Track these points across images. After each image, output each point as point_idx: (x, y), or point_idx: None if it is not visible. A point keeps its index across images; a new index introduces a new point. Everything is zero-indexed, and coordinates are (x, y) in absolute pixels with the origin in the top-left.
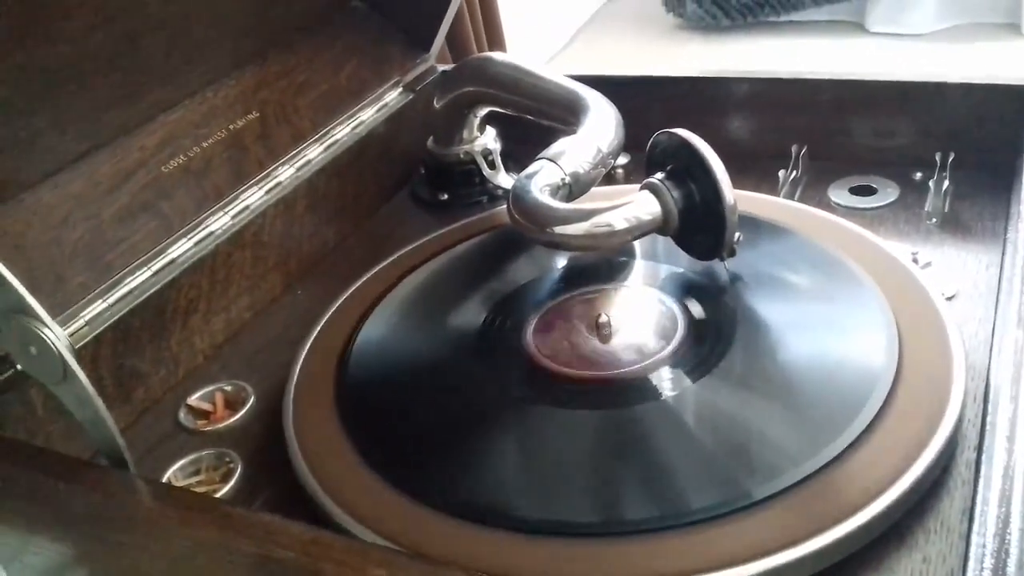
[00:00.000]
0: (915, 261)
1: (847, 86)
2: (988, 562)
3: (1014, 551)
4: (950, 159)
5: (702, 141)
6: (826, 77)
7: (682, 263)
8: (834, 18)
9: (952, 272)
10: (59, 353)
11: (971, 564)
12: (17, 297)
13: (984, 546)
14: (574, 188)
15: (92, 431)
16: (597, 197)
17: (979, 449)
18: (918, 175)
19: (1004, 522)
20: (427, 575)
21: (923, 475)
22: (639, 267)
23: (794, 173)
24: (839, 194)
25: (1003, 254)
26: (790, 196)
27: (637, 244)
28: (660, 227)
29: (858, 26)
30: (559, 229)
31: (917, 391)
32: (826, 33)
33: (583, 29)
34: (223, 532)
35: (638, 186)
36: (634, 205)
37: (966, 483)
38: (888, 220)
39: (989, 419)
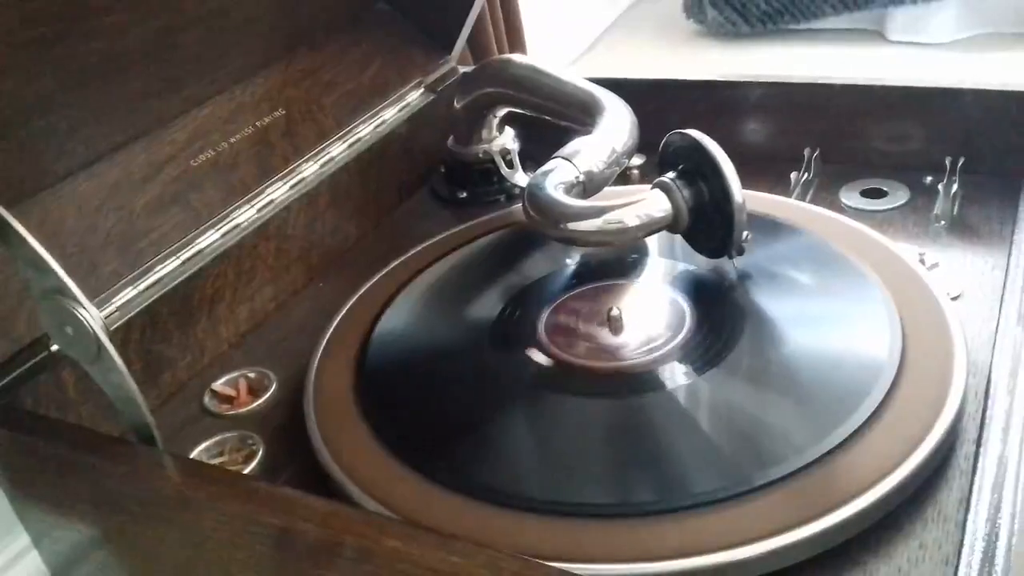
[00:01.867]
0: (922, 262)
1: (860, 91)
2: (979, 545)
3: (1003, 535)
4: (960, 163)
5: (713, 142)
6: (839, 82)
7: (693, 260)
8: (854, 26)
9: (958, 273)
10: (94, 332)
11: (964, 548)
12: (55, 278)
13: (976, 532)
14: (588, 186)
15: (123, 408)
16: (611, 196)
17: (978, 442)
18: (928, 179)
19: (996, 508)
20: (438, 547)
21: (921, 465)
22: (651, 263)
23: (806, 175)
24: (850, 196)
25: (1009, 256)
26: (802, 198)
27: (649, 241)
28: (670, 225)
29: (878, 34)
30: (572, 225)
31: (918, 385)
32: (846, 41)
33: (604, 34)
34: (247, 506)
35: (650, 185)
36: (645, 203)
37: (964, 474)
38: (897, 222)
39: (988, 412)
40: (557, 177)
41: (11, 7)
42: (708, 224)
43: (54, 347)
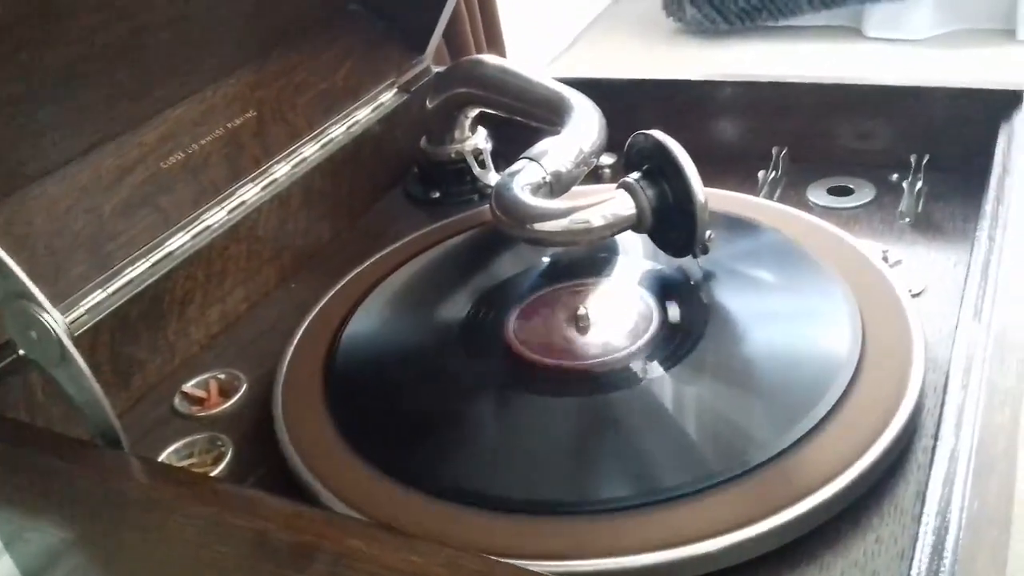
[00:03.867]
0: (885, 259)
1: (828, 90)
2: (929, 539)
3: (952, 529)
4: (924, 161)
5: (675, 143)
6: (807, 81)
7: (659, 260)
8: (832, 23)
9: (921, 269)
10: (57, 336)
11: (918, 542)
12: (18, 283)
13: (928, 524)
14: (555, 186)
15: (88, 412)
16: (579, 195)
17: (935, 437)
18: (894, 176)
19: (946, 502)
20: (399, 547)
21: (878, 460)
22: (618, 263)
23: (774, 173)
24: (817, 194)
25: (971, 252)
26: (770, 196)
27: (617, 241)
28: (635, 225)
29: (855, 31)
30: (538, 226)
31: (877, 381)
32: (824, 38)
33: (584, 32)
34: (211, 507)
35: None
36: (610, 203)
37: (922, 468)
38: (863, 220)
39: (944, 407)
40: (524, 178)
41: None
42: (672, 224)
43: (22, 351)
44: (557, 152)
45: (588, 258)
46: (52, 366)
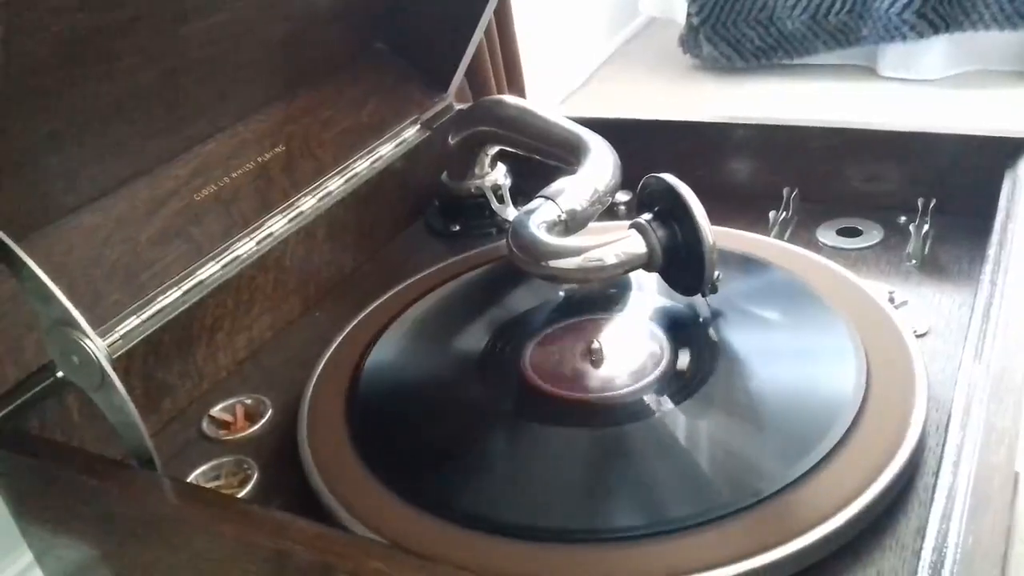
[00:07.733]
0: (891, 300)
1: (839, 133)
2: (926, 573)
3: (948, 563)
4: (931, 204)
5: (685, 186)
6: (818, 124)
7: (672, 296)
8: (846, 62)
9: (926, 311)
10: (99, 362)
11: None
12: (63, 310)
13: (924, 559)
14: (570, 224)
15: (124, 434)
16: (595, 231)
17: (936, 474)
18: (902, 219)
19: (943, 538)
20: (420, 569)
21: (879, 496)
22: (631, 299)
23: (784, 214)
24: (826, 235)
25: (976, 295)
26: (780, 236)
27: (630, 277)
28: (646, 263)
29: (870, 70)
30: (553, 263)
31: (881, 419)
32: (838, 77)
33: (601, 68)
34: (240, 527)
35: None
36: (623, 243)
37: (923, 505)
38: (871, 261)
39: (946, 447)
40: (540, 216)
41: (29, 54)
42: (682, 263)
43: (60, 373)
44: (573, 191)
45: (602, 294)
46: (92, 390)
